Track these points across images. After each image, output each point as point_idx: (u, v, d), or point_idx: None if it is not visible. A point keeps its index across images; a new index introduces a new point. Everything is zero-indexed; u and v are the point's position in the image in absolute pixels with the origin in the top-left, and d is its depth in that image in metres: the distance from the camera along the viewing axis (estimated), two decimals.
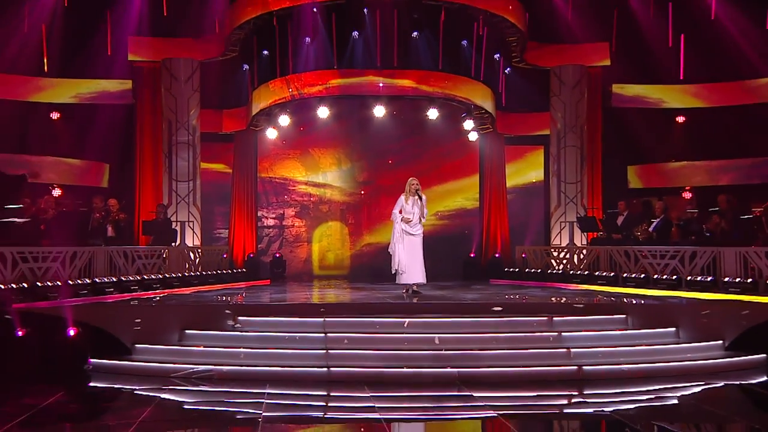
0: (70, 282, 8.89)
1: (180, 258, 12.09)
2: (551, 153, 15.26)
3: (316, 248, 16.12)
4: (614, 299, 9.48)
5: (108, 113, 14.22)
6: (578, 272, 12.32)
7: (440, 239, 15.18)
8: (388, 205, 11.45)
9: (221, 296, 10.19)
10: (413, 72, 14.46)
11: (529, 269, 13.53)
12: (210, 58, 14.60)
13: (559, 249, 13.74)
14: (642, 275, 10.88)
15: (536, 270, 13.35)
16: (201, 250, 13.09)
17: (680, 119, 15.67)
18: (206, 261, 12.86)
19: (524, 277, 13.38)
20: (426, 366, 6.99)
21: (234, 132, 15.40)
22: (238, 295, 10.31)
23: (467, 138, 15.58)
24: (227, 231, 15.52)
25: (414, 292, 9.95)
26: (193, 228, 14.29)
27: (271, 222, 16.11)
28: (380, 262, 12.77)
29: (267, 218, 16.09)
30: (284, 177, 16.11)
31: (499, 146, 15.81)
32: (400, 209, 9.98)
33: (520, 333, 7.57)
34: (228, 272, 13.15)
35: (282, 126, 14.93)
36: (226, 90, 15.21)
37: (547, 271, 13.11)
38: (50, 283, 8.59)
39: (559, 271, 12.88)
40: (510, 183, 16.02)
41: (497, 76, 15.42)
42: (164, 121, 14.37)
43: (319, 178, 16.15)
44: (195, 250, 12.90)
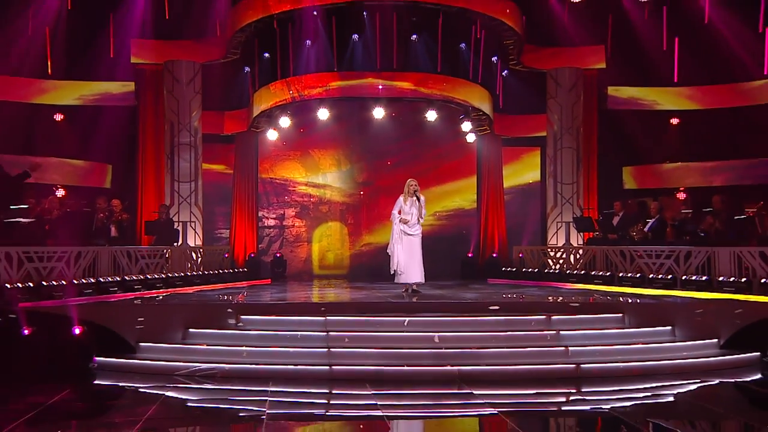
0: (75, 281, 8.90)
1: (182, 258, 12.11)
2: (548, 154, 15.30)
3: (316, 248, 16.12)
4: (610, 298, 9.52)
5: (111, 115, 14.24)
6: (575, 272, 12.36)
7: (438, 239, 15.20)
8: (387, 206, 11.46)
9: (224, 295, 10.21)
10: (412, 74, 14.47)
11: (526, 269, 13.54)
12: (211, 61, 14.60)
13: (556, 249, 13.75)
14: (638, 275, 10.92)
15: (533, 270, 13.36)
16: (203, 250, 13.10)
17: (674, 121, 15.72)
18: (208, 261, 12.87)
19: (521, 277, 13.39)
20: (426, 364, 7.00)
21: (235, 133, 15.41)
22: (240, 295, 10.31)
23: (465, 139, 15.61)
24: (228, 231, 15.52)
25: (414, 292, 9.96)
26: (195, 228, 14.29)
27: (272, 222, 16.11)
28: (379, 262, 12.80)
29: (267, 218, 16.09)
30: (285, 178, 16.12)
31: (497, 148, 15.84)
32: (399, 210, 9.99)
33: (519, 331, 7.59)
34: (229, 272, 13.15)
35: (282, 127, 14.95)
36: (228, 92, 15.22)
37: (544, 271, 13.12)
38: (55, 283, 8.59)
39: (556, 271, 12.89)
40: (507, 184, 16.05)
41: (495, 79, 15.48)
42: (166, 123, 14.37)
43: (319, 179, 16.15)
44: (197, 250, 12.91)
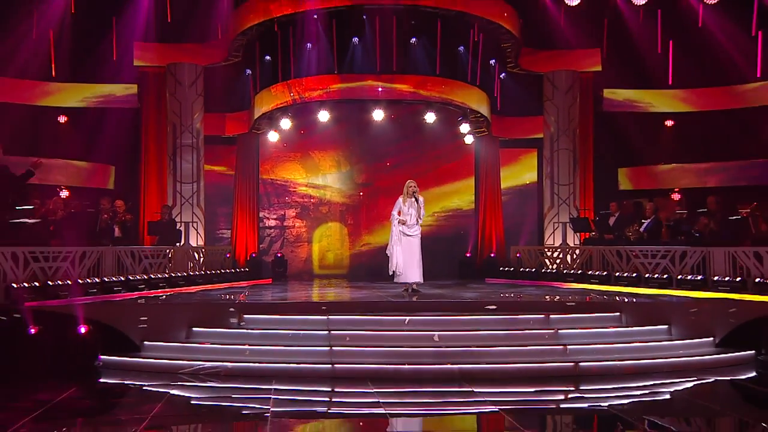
0: (80, 281, 8.89)
1: (185, 258, 12.11)
2: (544, 156, 15.33)
3: (316, 248, 16.12)
4: (606, 297, 9.54)
5: (114, 117, 14.23)
6: (572, 271, 12.37)
7: (437, 239, 15.21)
8: (387, 206, 11.48)
9: (226, 295, 10.21)
10: (411, 77, 14.48)
11: (524, 268, 13.55)
12: (213, 63, 14.61)
13: (553, 249, 13.78)
14: (634, 274, 10.92)
15: (530, 269, 13.37)
16: (205, 250, 13.09)
17: (669, 123, 15.73)
18: (210, 260, 12.86)
19: (519, 276, 13.40)
20: (427, 362, 7.00)
21: (237, 135, 15.40)
22: (241, 294, 10.32)
23: (463, 141, 15.62)
24: (230, 231, 15.50)
25: (413, 291, 9.97)
26: (197, 228, 14.31)
27: (273, 223, 16.11)
28: (379, 262, 12.81)
29: (268, 219, 16.09)
30: (285, 179, 16.12)
31: (494, 149, 15.85)
32: (399, 211, 10.01)
33: (518, 330, 7.60)
34: (231, 271, 13.15)
35: (283, 129, 14.96)
36: (229, 94, 15.20)
37: (541, 271, 13.14)
38: (61, 282, 8.58)
39: (553, 271, 12.90)
40: (504, 185, 16.06)
41: (492, 81, 15.49)
42: (169, 125, 14.39)
43: (319, 180, 16.15)
44: (199, 250, 12.91)
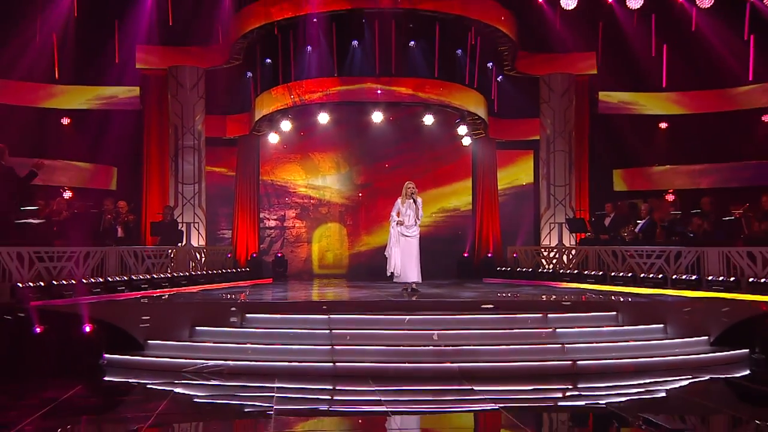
0: (84, 281, 8.89)
1: (186, 257, 12.13)
2: (541, 157, 15.35)
3: (316, 248, 16.12)
4: (602, 297, 9.57)
5: (117, 119, 14.25)
6: (568, 271, 12.40)
7: (435, 240, 15.20)
8: (385, 207, 11.49)
9: (228, 294, 10.21)
10: (410, 80, 14.47)
11: (521, 268, 13.59)
12: (215, 66, 14.60)
13: (549, 249, 13.81)
14: (629, 274, 10.96)
15: (527, 269, 13.41)
16: (206, 250, 13.11)
17: (663, 125, 15.79)
18: (211, 260, 12.89)
19: (516, 276, 13.45)
20: (427, 361, 7.02)
21: (237, 137, 15.39)
22: (242, 294, 10.32)
23: (461, 143, 15.63)
24: (231, 232, 15.49)
25: (413, 291, 9.99)
26: (199, 229, 14.29)
27: (273, 223, 16.11)
28: (377, 262, 12.79)
29: (269, 219, 16.09)
30: (285, 180, 16.12)
31: (491, 151, 15.87)
32: (398, 212, 10.03)
33: (517, 329, 7.63)
34: (232, 271, 13.18)
35: (283, 131, 14.94)
36: (230, 96, 15.20)
37: (538, 270, 13.17)
38: (65, 282, 8.58)
39: (550, 270, 12.94)
40: (501, 186, 16.08)
41: (490, 84, 15.50)
42: (170, 126, 14.38)
43: (319, 181, 16.16)
44: (200, 250, 12.92)
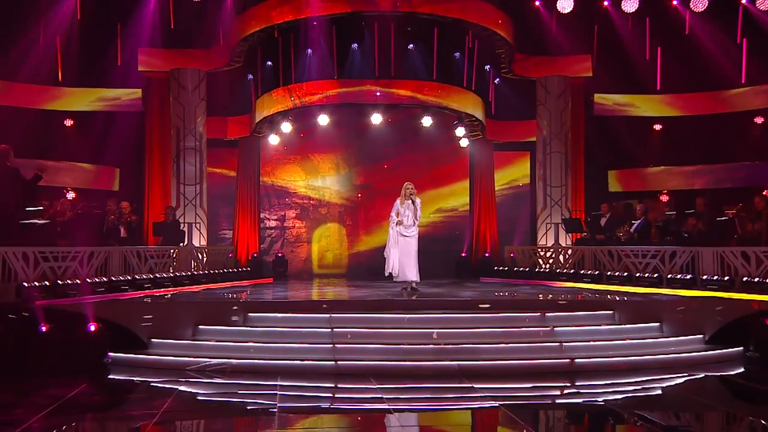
0: (88, 280, 8.89)
1: (188, 257, 12.14)
2: (537, 159, 15.38)
3: (316, 248, 16.13)
4: (598, 296, 9.58)
5: (119, 120, 14.22)
6: (564, 270, 12.43)
7: (433, 240, 15.18)
8: (384, 208, 11.50)
9: (230, 293, 10.22)
10: (409, 82, 14.49)
11: (518, 268, 13.61)
12: (216, 69, 14.59)
13: (546, 249, 13.83)
14: (625, 273, 10.99)
15: (524, 269, 13.43)
16: (208, 250, 13.11)
17: (657, 127, 15.82)
18: (213, 260, 12.90)
19: (513, 276, 13.47)
20: (428, 359, 7.04)
21: (238, 138, 15.39)
22: (243, 293, 10.33)
23: (459, 144, 15.65)
24: (232, 232, 15.49)
25: (413, 290, 10.00)
26: (200, 229, 14.29)
27: (273, 223, 16.11)
28: (376, 262, 12.77)
29: (269, 220, 16.09)
30: (285, 181, 16.12)
31: (489, 152, 15.89)
32: (397, 213, 10.05)
33: (515, 328, 7.66)
34: (233, 271, 13.19)
35: (284, 132, 14.96)
36: (231, 98, 15.18)
37: (535, 270, 13.20)
38: (70, 282, 8.59)
39: (546, 270, 12.96)
40: (498, 187, 16.09)
41: (487, 86, 15.52)
42: (172, 128, 14.37)
43: (319, 182, 16.16)
44: (202, 250, 12.93)
